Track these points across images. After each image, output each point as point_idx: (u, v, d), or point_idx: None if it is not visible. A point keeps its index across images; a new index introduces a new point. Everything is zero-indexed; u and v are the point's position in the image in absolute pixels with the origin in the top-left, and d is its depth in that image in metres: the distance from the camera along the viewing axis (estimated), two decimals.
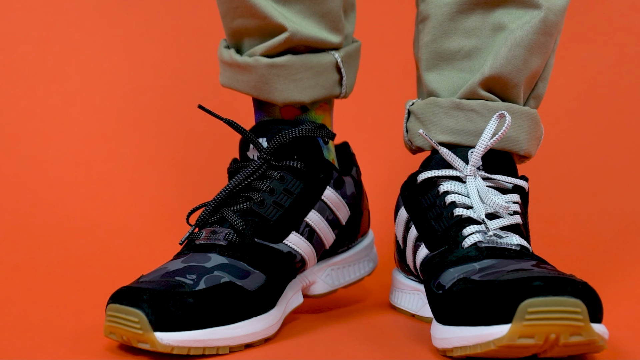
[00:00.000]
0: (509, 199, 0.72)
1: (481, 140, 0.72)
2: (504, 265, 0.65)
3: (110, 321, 0.66)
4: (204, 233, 0.72)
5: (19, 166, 1.12)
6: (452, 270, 0.67)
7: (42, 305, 0.84)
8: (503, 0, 0.75)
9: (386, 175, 1.15)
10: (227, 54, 0.78)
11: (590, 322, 0.59)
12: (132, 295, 0.65)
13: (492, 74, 0.74)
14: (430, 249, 0.72)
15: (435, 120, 0.76)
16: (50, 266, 0.98)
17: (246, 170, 0.73)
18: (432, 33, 0.78)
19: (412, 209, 0.76)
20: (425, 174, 0.74)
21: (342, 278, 0.81)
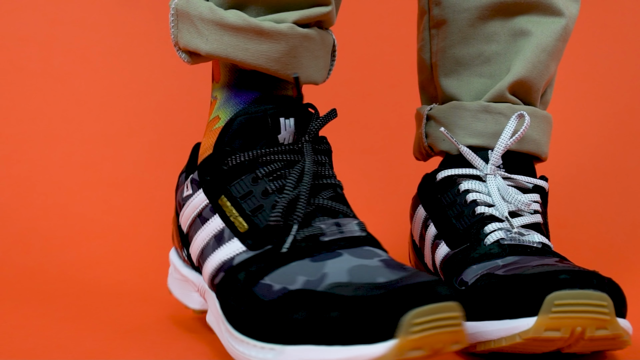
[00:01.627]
0: (530, 198, 0.73)
1: (501, 140, 0.73)
2: (527, 261, 0.65)
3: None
4: (331, 228, 0.61)
5: (29, 168, 1.11)
6: (475, 267, 0.68)
7: (56, 306, 0.83)
8: (526, 8, 0.77)
9: (392, 179, 1.15)
10: (234, 15, 0.63)
11: (615, 316, 0.60)
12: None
13: (519, 78, 0.76)
14: (452, 247, 0.72)
15: (463, 123, 0.77)
16: (62, 268, 0.97)
17: (308, 157, 0.63)
18: (450, 38, 0.79)
19: (430, 207, 0.76)
20: (445, 172, 0.75)
21: None
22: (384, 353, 0.50)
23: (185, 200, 0.68)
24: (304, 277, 0.57)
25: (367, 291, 0.53)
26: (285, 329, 0.54)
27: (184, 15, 0.66)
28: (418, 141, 0.83)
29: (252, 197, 0.63)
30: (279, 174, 0.63)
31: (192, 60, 0.67)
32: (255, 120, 0.64)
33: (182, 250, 0.71)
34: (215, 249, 0.64)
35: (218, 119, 0.68)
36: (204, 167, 0.66)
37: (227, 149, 0.64)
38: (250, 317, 0.57)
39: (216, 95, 0.69)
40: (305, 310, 0.54)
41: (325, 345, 0.52)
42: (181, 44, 0.67)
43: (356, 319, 0.51)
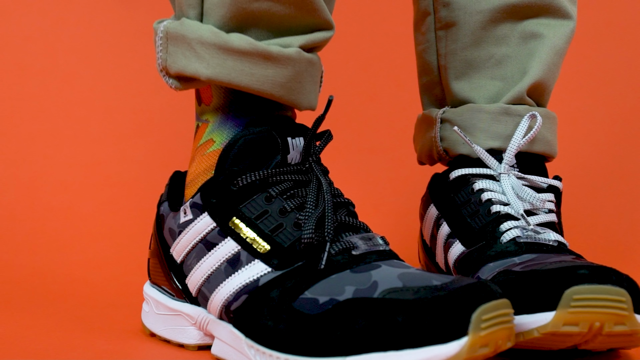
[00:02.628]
0: (545, 197, 0.74)
1: (514, 140, 0.75)
2: (544, 258, 0.66)
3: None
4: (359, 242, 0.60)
5: (35, 168, 1.10)
6: (491, 265, 0.68)
7: (67, 306, 0.83)
8: (537, 11, 0.78)
9: (398, 180, 1.16)
10: (238, 38, 0.61)
11: (634, 312, 0.60)
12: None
13: (537, 81, 0.78)
14: (467, 246, 0.73)
15: (483, 126, 0.77)
16: (70, 269, 0.97)
17: (322, 176, 0.62)
18: (461, 41, 0.79)
19: (443, 206, 0.76)
20: (458, 172, 0.76)
21: None
22: (458, 351, 0.50)
23: (183, 227, 0.65)
24: (352, 287, 0.55)
25: (429, 293, 0.52)
26: (343, 340, 0.53)
27: (177, 38, 0.63)
28: (429, 145, 0.81)
29: (269, 217, 0.61)
30: (292, 192, 0.62)
31: (183, 86, 0.64)
32: (262, 140, 0.63)
33: (171, 282, 0.68)
34: (231, 274, 0.61)
35: (212, 142, 0.65)
36: (207, 190, 0.63)
37: (234, 169, 0.62)
38: (295, 334, 0.55)
39: (207, 119, 0.66)
40: (364, 318, 0.52)
41: (393, 350, 0.51)
42: (173, 69, 0.63)
43: (425, 321, 0.51)
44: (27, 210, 1.06)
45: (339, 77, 1.21)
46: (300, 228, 0.60)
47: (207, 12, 0.63)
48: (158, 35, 0.64)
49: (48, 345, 0.68)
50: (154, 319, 0.70)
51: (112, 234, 1.06)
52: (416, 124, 0.86)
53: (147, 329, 0.71)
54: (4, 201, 1.06)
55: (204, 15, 0.63)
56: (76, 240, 1.04)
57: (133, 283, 0.93)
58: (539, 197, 0.72)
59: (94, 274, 0.97)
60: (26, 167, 1.10)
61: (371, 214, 0.95)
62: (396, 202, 1.15)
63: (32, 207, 1.06)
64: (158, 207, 0.70)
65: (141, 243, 1.03)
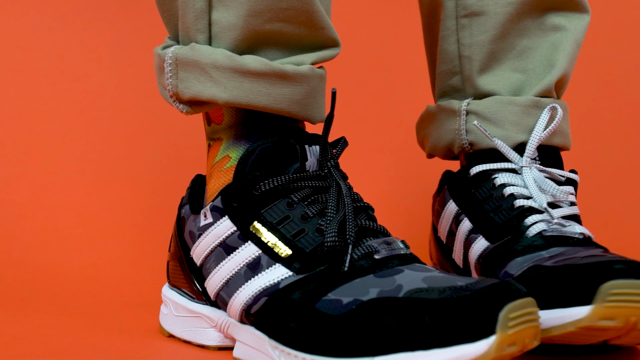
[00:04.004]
0: (567, 189, 0.74)
1: (535, 132, 0.75)
2: (574, 252, 0.67)
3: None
4: (380, 246, 0.60)
5: (44, 167, 1.10)
6: (519, 260, 0.69)
7: (81, 304, 0.84)
8: (560, 4, 0.78)
9: (405, 178, 1.17)
10: (253, 60, 0.62)
11: None
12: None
13: (564, 73, 0.78)
14: (492, 241, 0.73)
15: (514, 119, 0.76)
16: (81, 267, 0.98)
17: (341, 182, 0.63)
18: (490, 32, 0.78)
19: (464, 202, 0.76)
20: (479, 167, 0.76)
21: None
22: (486, 350, 0.51)
23: (203, 230, 0.65)
24: (377, 289, 0.56)
25: (455, 293, 0.53)
26: (370, 340, 0.53)
27: (189, 64, 0.63)
28: (449, 138, 0.80)
29: (291, 222, 0.61)
30: (313, 198, 0.62)
31: (194, 110, 0.65)
32: (280, 148, 0.63)
33: (191, 285, 0.68)
34: (251, 278, 0.61)
35: (228, 159, 0.66)
36: (228, 194, 0.63)
37: (256, 174, 0.63)
38: (320, 334, 0.55)
39: (220, 137, 0.67)
40: (391, 317, 0.53)
41: (421, 350, 0.51)
42: (187, 94, 0.64)
43: (452, 320, 0.51)
44: (37, 208, 1.06)
45: (350, 76, 1.21)
46: (322, 234, 0.60)
47: (216, 36, 0.63)
48: (166, 62, 0.64)
49: (68, 345, 0.68)
50: (172, 321, 0.70)
51: (122, 232, 1.06)
52: (426, 116, 0.84)
53: (165, 331, 0.71)
54: (14, 199, 1.06)
55: (213, 38, 0.64)
56: (87, 239, 1.04)
57: (146, 281, 0.94)
58: (562, 189, 0.73)
59: (105, 272, 0.97)
60: (36, 166, 1.10)
61: (381, 211, 0.95)
62: (404, 200, 1.16)
63: (43, 205, 1.07)
64: (179, 210, 0.70)
65: (151, 241, 1.05)
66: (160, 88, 0.67)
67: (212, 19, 0.63)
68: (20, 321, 0.76)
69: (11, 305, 0.83)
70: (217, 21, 0.63)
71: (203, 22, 0.63)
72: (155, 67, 0.67)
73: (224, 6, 0.63)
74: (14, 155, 1.10)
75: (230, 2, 0.62)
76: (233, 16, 0.62)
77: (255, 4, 0.62)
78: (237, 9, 0.62)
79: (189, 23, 0.63)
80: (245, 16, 0.62)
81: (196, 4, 0.63)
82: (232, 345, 0.66)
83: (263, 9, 0.62)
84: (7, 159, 1.10)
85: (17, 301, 0.85)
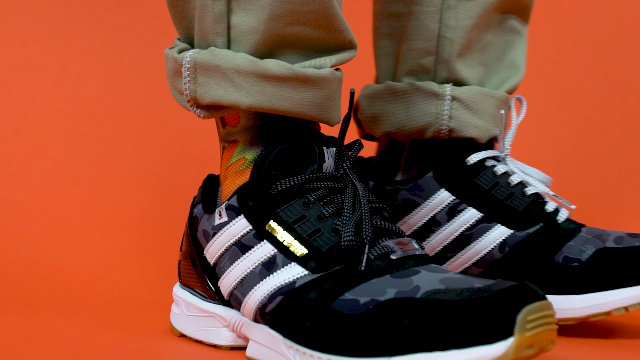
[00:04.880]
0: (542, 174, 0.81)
1: (513, 125, 0.79)
2: (613, 233, 0.75)
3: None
4: (396, 247, 0.60)
5: (50, 166, 1.10)
6: (572, 244, 0.74)
7: (92, 304, 0.84)
8: (517, 10, 0.81)
9: None
10: (275, 64, 0.62)
11: None
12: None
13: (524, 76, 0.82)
14: (516, 228, 0.75)
15: (492, 112, 0.79)
16: (89, 266, 0.97)
17: (358, 183, 0.63)
18: (474, 19, 0.78)
19: (465, 191, 0.77)
20: (477, 156, 0.77)
21: None
22: (504, 352, 0.51)
23: (218, 229, 0.65)
24: (394, 289, 0.56)
25: (473, 294, 0.53)
26: (388, 340, 0.53)
27: (209, 68, 0.63)
28: (428, 121, 0.78)
29: (307, 222, 0.61)
30: (329, 199, 0.62)
31: (212, 115, 0.65)
32: (298, 149, 0.64)
33: (204, 284, 0.68)
34: (266, 276, 0.61)
35: (244, 160, 0.66)
36: (245, 193, 0.63)
37: (273, 173, 0.63)
38: (336, 334, 0.55)
39: (235, 139, 0.67)
40: (408, 318, 0.53)
41: (439, 351, 0.51)
42: (206, 99, 0.63)
43: (470, 321, 0.51)
44: (43, 207, 1.06)
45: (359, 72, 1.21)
46: (338, 233, 0.60)
47: (235, 40, 0.63)
48: (184, 67, 0.64)
49: (79, 345, 0.68)
50: (184, 321, 0.70)
51: (129, 231, 1.06)
52: (386, 92, 0.80)
53: (176, 330, 0.71)
54: (21, 198, 1.06)
55: (232, 42, 0.63)
56: (93, 237, 1.04)
57: (154, 280, 0.94)
58: (543, 174, 0.78)
59: (113, 271, 0.97)
60: (42, 165, 1.10)
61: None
62: None
63: (49, 203, 1.06)
64: (191, 209, 0.70)
65: (159, 239, 1.05)
66: (174, 91, 0.67)
67: (231, 23, 0.63)
68: (29, 321, 0.76)
69: (19, 305, 0.83)
70: (237, 25, 0.63)
71: (222, 25, 0.63)
72: (169, 70, 0.67)
73: (243, 10, 0.62)
74: (20, 155, 1.10)
75: (251, 5, 0.62)
76: (254, 20, 0.62)
77: (277, 7, 0.62)
78: (258, 13, 0.62)
79: (207, 26, 0.63)
80: (267, 20, 0.62)
81: (215, 7, 0.62)
82: (244, 345, 0.66)
83: (285, 12, 0.62)
84: (13, 158, 1.10)
85: (25, 300, 0.84)
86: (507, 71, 0.81)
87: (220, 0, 0.62)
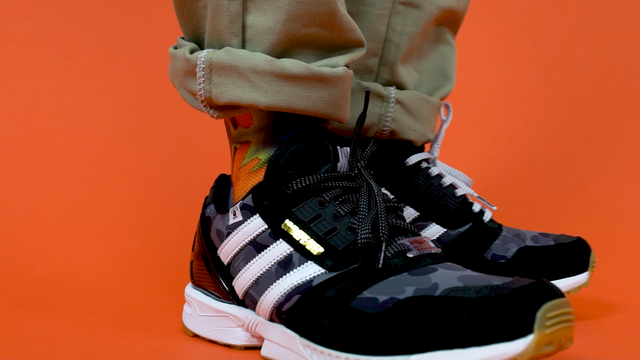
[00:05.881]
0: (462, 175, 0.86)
1: (443, 130, 0.84)
2: (529, 233, 0.81)
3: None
4: (412, 245, 0.60)
5: (57, 164, 1.10)
6: (498, 243, 0.79)
7: (103, 304, 0.84)
8: (450, 24, 0.85)
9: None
10: (292, 64, 0.62)
11: None
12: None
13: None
14: (448, 226, 0.79)
15: (429, 117, 0.83)
16: (97, 264, 0.98)
17: (372, 181, 0.63)
18: (419, 27, 0.81)
19: (403, 191, 0.80)
20: (415, 157, 0.82)
21: None
22: (524, 349, 0.51)
23: (232, 228, 0.65)
24: (413, 287, 0.56)
25: (492, 292, 0.53)
26: (407, 338, 0.53)
27: (226, 68, 0.63)
28: (371, 121, 0.80)
29: (323, 221, 0.61)
30: (344, 198, 0.62)
31: (225, 115, 0.65)
32: (312, 148, 0.64)
33: (218, 285, 0.68)
34: (282, 275, 0.61)
35: (257, 160, 0.66)
36: (260, 192, 0.63)
37: (288, 172, 0.63)
38: (355, 333, 0.55)
39: (248, 140, 0.67)
40: (428, 316, 0.53)
41: (459, 348, 0.51)
42: (222, 99, 0.63)
43: (490, 319, 0.51)
44: (50, 206, 1.06)
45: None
46: (355, 232, 0.60)
47: (251, 39, 0.63)
48: (199, 67, 0.64)
49: (93, 345, 0.68)
50: (197, 321, 0.70)
51: (135, 229, 1.06)
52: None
53: (189, 331, 0.71)
54: (27, 196, 1.06)
55: (247, 42, 0.63)
56: (100, 236, 1.04)
57: (162, 279, 0.94)
58: (465, 176, 0.83)
59: (121, 270, 0.97)
60: (48, 163, 1.10)
61: None
62: None
63: (56, 202, 1.06)
64: (203, 209, 0.70)
65: (165, 238, 1.05)
66: (183, 92, 0.67)
67: (247, 23, 0.63)
68: (41, 320, 0.76)
69: (29, 304, 0.82)
70: (252, 25, 0.63)
71: (237, 25, 0.63)
72: (178, 70, 0.67)
73: (259, 10, 0.62)
74: (27, 153, 1.10)
75: (267, 5, 0.62)
76: (271, 20, 0.62)
77: (295, 8, 0.62)
78: (275, 13, 0.62)
79: (222, 26, 0.63)
80: (284, 20, 0.62)
81: (231, 7, 0.62)
82: (258, 345, 0.66)
83: (302, 13, 0.62)
84: (20, 157, 1.10)
85: (35, 300, 0.84)
86: (439, 80, 0.85)
87: (236, 0, 0.62)
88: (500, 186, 1.22)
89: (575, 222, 1.16)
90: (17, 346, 0.67)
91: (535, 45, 1.33)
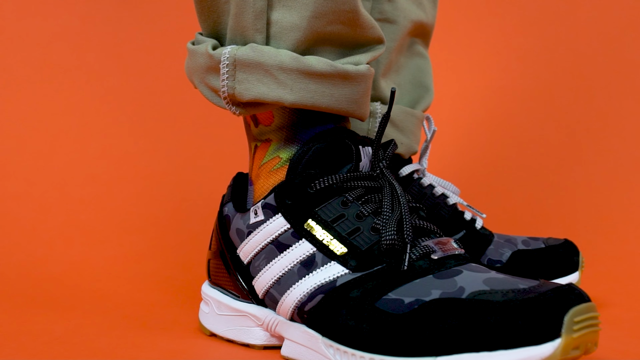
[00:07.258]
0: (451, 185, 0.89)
1: (428, 141, 0.86)
2: (519, 238, 0.86)
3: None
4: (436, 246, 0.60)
5: (65, 162, 1.10)
6: (492, 248, 0.82)
7: (117, 303, 0.83)
8: (422, 36, 0.87)
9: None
10: (318, 61, 0.62)
11: None
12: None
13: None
14: (444, 234, 0.79)
15: (414, 130, 0.85)
16: (108, 263, 0.98)
17: (395, 182, 0.63)
18: (395, 42, 0.83)
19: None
20: (408, 168, 0.84)
21: None
22: (552, 352, 0.51)
23: (253, 227, 0.65)
24: (439, 290, 0.56)
25: (519, 295, 0.53)
26: (433, 340, 0.53)
27: (250, 65, 0.62)
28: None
29: (346, 221, 0.61)
30: (367, 198, 0.62)
31: (247, 112, 0.64)
32: (334, 148, 0.64)
33: (236, 284, 0.68)
34: (305, 275, 0.61)
35: (278, 159, 0.66)
36: (282, 191, 0.63)
37: (311, 172, 0.63)
38: (380, 333, 0.55)
39: (269, 138, 0.67)
40: (454, 318, 0.53)
41: (486, 351, 0.51)
42: (246, 96, 0.63)
43: (517, 322, 0.51)
44: (59, 204, 1.06)
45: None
46: (378, 232, 0.60)
47: (275, 36, 0.63)
48: (222, 63, 0.63)
49: (111, 345, 0.68)
50: (214, 320, 0.70)
51: (145, 227, 1.06)
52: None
53: (206, 330, 0.71)
54: (35, 194, 1.06)
55: (271, 38, 0.63)
56: (109, 234, 1.04)
57: (175, 278, 0.94)
58: (453, 186, 0.86)
59: (132, 268, 0.96)
60: (58, 162, 1.10)
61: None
62: None
63: (63, 200, 1.06)
64: (221, 207, 0.70)
65: (176, 236, 1.05)
66: (203, 88, 0.66)
67: (271, 19, 0.63)
68: (55, 320, 0.76)
69: (43, 304, 0.82)
70: (277, 21, 0.63)
71: (262, 21, 0.63)
72: (198, 66, 0.66)
73: (284, 6, 0.62)
74: (36, 152, 1.10)
75: (293, 2, 0.62)
76: (296, 17, 0.62)
77: (321, 5, 0.62)
78: (300, 10, 0.62)
79: (247, 22, 0.63)
80: (310, 17, 0.62)
81: (256, 3, 0.62)
82: (278, 344, 0.66)
83: (327, 11, 0.62)
84: (29, 156, 1.10)
85: (49, 300, 0.84)
86: (418, 92, 0.87)
87: None
88: (483, 194, 1.23)
89: (558, 226, 1.16)
90: (35, 346, 0.67)
91: (523, 52, 1.33)
